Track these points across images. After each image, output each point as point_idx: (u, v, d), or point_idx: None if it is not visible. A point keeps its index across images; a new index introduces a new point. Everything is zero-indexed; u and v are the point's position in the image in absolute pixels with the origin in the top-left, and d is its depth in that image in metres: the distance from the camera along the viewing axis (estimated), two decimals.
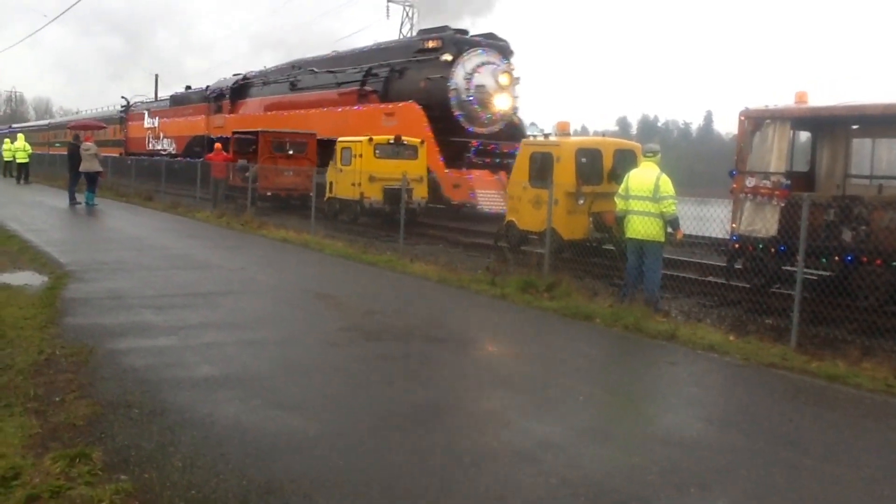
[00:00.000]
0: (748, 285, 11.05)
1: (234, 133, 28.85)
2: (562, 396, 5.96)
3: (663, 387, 6.50)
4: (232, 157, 24.31)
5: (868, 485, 4.49)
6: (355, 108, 27.03)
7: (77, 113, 71.31)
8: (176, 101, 42.66)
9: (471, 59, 24.31)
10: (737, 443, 5.07)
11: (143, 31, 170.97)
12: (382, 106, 25.47)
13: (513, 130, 24.90)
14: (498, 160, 22.95)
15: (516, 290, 10.16)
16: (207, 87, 38.98)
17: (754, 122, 11.11)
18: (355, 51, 30.55)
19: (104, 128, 51.16)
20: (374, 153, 19.37)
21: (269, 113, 32.66)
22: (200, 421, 5.04)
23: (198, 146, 36.82)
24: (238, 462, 4.40)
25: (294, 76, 32.56)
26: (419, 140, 20.37)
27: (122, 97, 50.87)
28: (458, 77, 23.97)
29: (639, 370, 7.10)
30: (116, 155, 44.21)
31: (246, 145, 25.28)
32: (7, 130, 68.04)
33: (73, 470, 4.16)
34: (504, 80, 24.31)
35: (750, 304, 10.28)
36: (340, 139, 21.29)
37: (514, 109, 25.35)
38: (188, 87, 43.32)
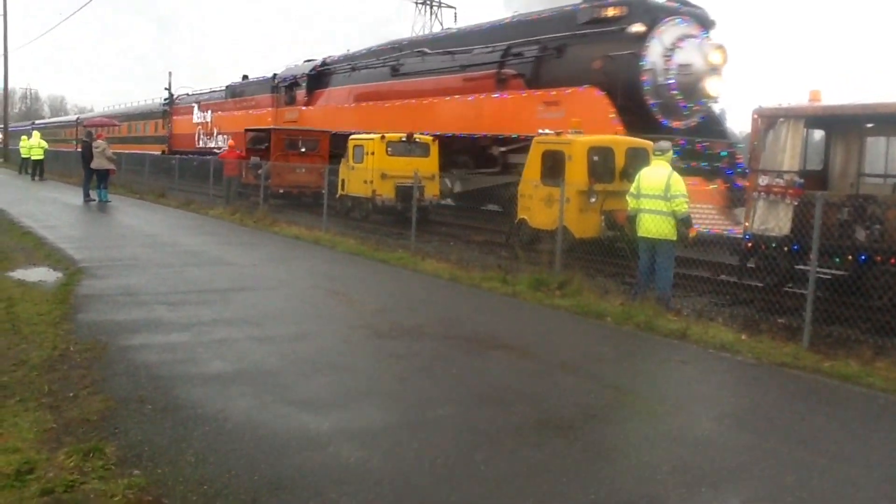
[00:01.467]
0: (761, 284, 11.00)
1: (247, 130, 28.97)
2: (571, 395, 5.96)
3: (674, 385, 6.49)
4: (244, 155, 24.38)
5: (881, 485, 4.47)
6: (495, 95, 21.31)
7: (116, 106, 67.18)
8: (234, 91, 37.44)
9: (669, 31, 18.59)
10: (749, 442, 5.05)
11: (158, 27, 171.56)
12: (540, 93, 19.74)
13: (712, 124, 19.67)
14: (706, 164, 17.58)
15: (528, 287, 10.15)
16: (274, 75, 33.33)
17: (768, 120, 11.05)
18: (483, 27, 24.32)
19: (116, 125, 50.76)
20: (387, 151, 19.37)
21: (361, 104, 27.43)
22: (213, 416, 5.07)
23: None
24: (250, 457, 4.43)
25: (396, 59, 26.46)
26: (431, 138, 20.36)
27: (166, 88, 46.62)
28: (655, 54, 18.28)
29: (650, 368, 7.09)
30: (158, 153, 41.31)
31: (258, 142, 25.36)
32: (30, 126, 66.83)
33: (86, 464, 4.20)
34: (716, 57, 18.47)
35: (762, 304, 10.23)
36: (353, 137, 21.30)
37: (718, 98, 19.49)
38: (245, 77, 38.05)
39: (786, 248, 10.47)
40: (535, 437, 5.00)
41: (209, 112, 38.83)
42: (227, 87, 38.28)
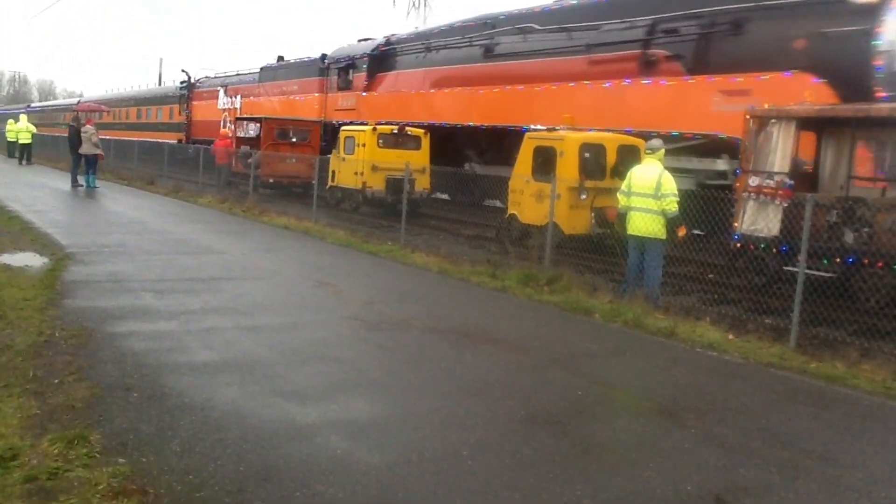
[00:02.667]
0: (749, 284, 11.04)
1: (237, 118, 28.82)
2: (560, 391, 5.96)
3: (661, 383, 6.49)
4: (230, 144, 24.26)
5: (866, 486, 4.49)
6: (646, 82, 16.88)
7: (136, 88, 61.17)
8: (270, 74, 32.92)
9: None
10: (735, 441, 5.07)
11: (150, 13, 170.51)
12: (717, 79, 15.35)
13: None
14: None
15: (517, 282, 10.15)
16: (323, 56, 28.98)
17: (759, 121, 11.08)
18: None
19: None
20: (378, 143, 19.32)
21: (442, 90, 22.90)
22: (199, 406, 5.05)
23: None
24: (236, 448, 4.40)
25: (490, 38, 21.70)
26: (423, 131, 20.32)
27: (183, 70, 41.72)
28: (893, 31, 13.67)
29: (638, 366, 7.09)
30: (174, 142, 37.58)
31: (249, 131, 25.26)
32: (24, 109, 64.09)
33: (70, 452, 4.17)
34: None
35: (750, 304, 10.27)
36: (344, 128, 21.22)
37: None
38: (280, 58, 33.88)
39: (774, 250, 10.51)
40: (523, 431, 5.00)
41: (238, 97, 34.54)
42: (261, 69, 33.84)
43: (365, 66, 26.30)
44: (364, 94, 26.05)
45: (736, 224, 11.07)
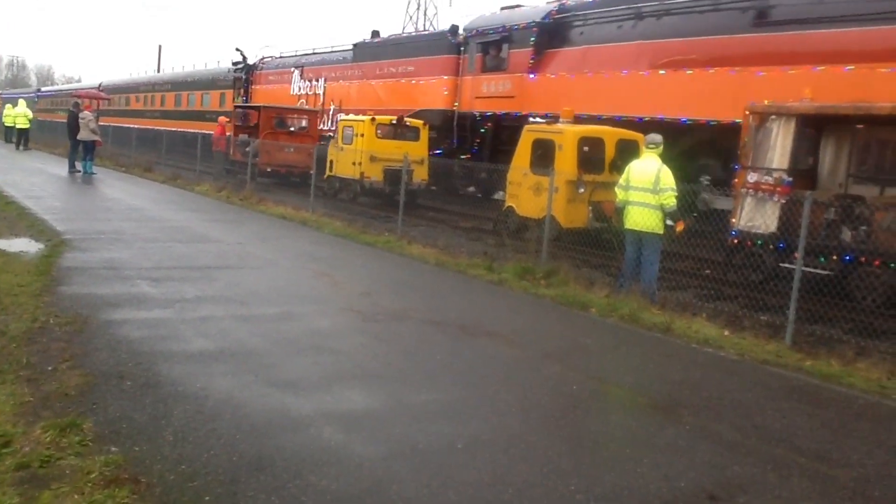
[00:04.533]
0: (745, 281, 11.04)
1: (236, 106, 28.65)
2: (555, 384, 5.95)
3: (656, 379, 6.49)
4: (223, 131, 24.14)
5: (859, 485, 4.49)
6: None
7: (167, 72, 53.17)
8: (369, 52, 26.30)
9: None
10: (730, 438, 5.07)
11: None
12: None
13: None
14: None
15: (513, 275, 10.14)
16: (454, 27, 22.85)
17: (759, 117, 11.06)
18: None
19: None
20: (376, 133, 19.28)
21: (680, 71, 15.98)
22: (193, 395, 5.03)
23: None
24: (230, 437, 4.39)
25: None
26: (421, 122, 20.27)
27: (237, 49, 35.98)
28: None
29: (633, 361, 7.08)
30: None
31: (247, 119, 25.14)
32: (35, 95, 61.77)
33: (63, 440, 4.15)
34: None
35: (746, 300, 10.27)
36: (342, 118, 21.19)
37: None
38: (375, 33, 27.59)
39: (771, 246, 10.51)
40: (518, 425, 4.99)
41: (320, 80, 28.34)
42: (355, 45, 27.20)
43: (532, 39, 19.64)
44: (531, 76, 19.51)
45: (733, 220, 11.06)
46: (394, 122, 19.75)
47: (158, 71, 59.44)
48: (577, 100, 17.20)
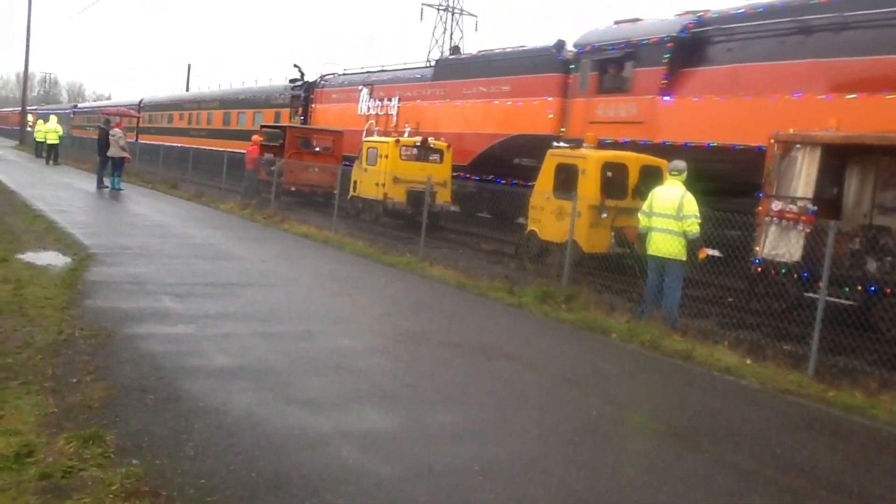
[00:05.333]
0: (768, 309, 10.95)
1: (262, 126, 28.86)
2: (574, 409, 5.94)
3: (677, 406, 6.46)
4: (258, 151, 24.38)
5: None
6: None
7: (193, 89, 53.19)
8: (453, 69, 23.72)
9: None
10: (749, 467, 5.02)
11: (179, 19, 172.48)
12: None
13: None
14: None
15: (534, 299, 10.13)
16: (560, 42, 19.74)
17: (784, 145, 11.03)
18: None
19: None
20: (400, 155, 19.40)
21: (873, 96, 12.87)
22: (214, 410, 5.08)
23: (527, 155, 18.59)
24: (249, 454, 4.42)
25: None
26: (445, 144, 20.38)
27: (296, 66, 32.60)
28: None
29: (653, 388, 7.05)
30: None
31: (273, 139, 25.34)
32: (71, 110, 60.97)
33: (85, 451, 4.20)
34: None
35: (769, 329, 10.18)
36: (366, 139, 21.33)
37: None
38: (455, 49, 26.20)
39: (795, 275, 10.43)
40: (535, 449, 4.98)
41: (393, 99, 25.53)
42: (436, 62, 25.68)
43: (665, 56, 16.56)
44: (664, 98, 16.35)
45: (757, 248, 11.00)
46: (418, 143, 19.87)
47: (187, 89, 59.12)
48: (730, 126, 14.87)
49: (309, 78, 31.43)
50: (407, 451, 4.72)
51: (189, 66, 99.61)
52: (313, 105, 30.67)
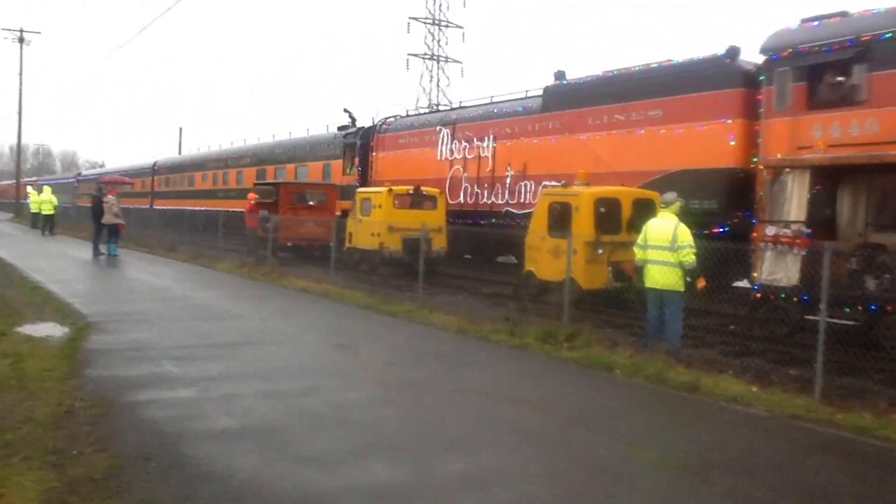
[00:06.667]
0: (771, 335, 10.92)
1: (256, 184, 28.99)
2: (583, 450, 5.88)
3: (686, 440, 6.40)
4: (254, 208, 24.49)
5: None
6: None
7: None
8: (567, 97, 19.54)
9: None
10: (763, 497, 4.96)
11: (168, 84, 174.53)
12: None
13: None
14: None
15: (536, 340, 10.10)
16: (732, 48, 15.80)
17: (774, 171, 11.10)
18: None
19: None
20: (394, 203, 19.50)
21: None
22: (219, 474, 5.02)
23: (697, 195, 14.65)
24: None
25: None
26: (438, 191, 20.49)
27: (346, 111, 28.98)
28: None
29: (661, 422, 6.99)
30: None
31: (266, 196, 25.46)
32: (74, 180, 59.33)
33: None
34: None
35: (773, 354, 10.14)
36: (360, 190, 21.43)
37: None
38: (561, 74, 20.49)
39: (795, 299, 10.42)
40: (546, 494, 4.92)
41: (486, 139, 21.72)
42: (545, 91, 20.41)
43: None
44: None
45: (755, 274, 11.01)
46: (410, 191, 19.98)
47: (179, 153, 58.89)
48: None
49: (362, 123, 27.96)
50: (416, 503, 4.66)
51: (181, 129, 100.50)
52: (374, 154, 26.58)
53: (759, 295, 10.97)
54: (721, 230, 14.47)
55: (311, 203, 24.71)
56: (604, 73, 18.97)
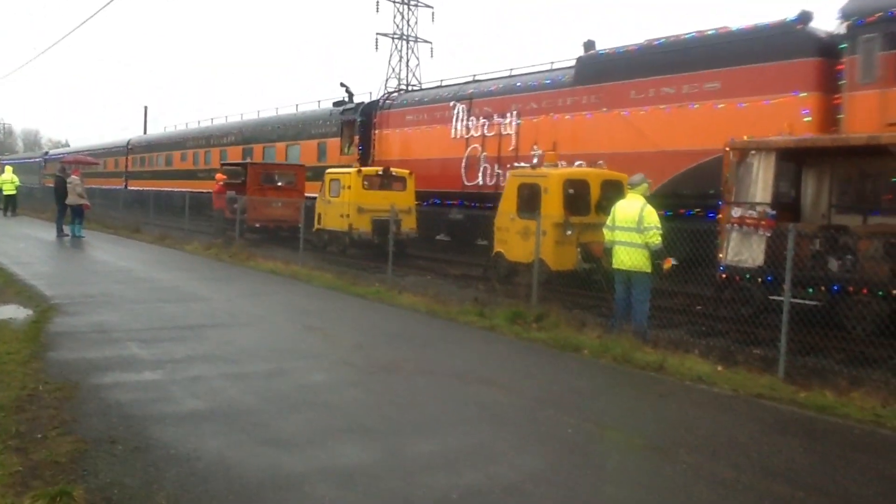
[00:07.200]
0: (736, 315, 11.07)
1: (223, 164, 28.70)
2: (550, 429, 5.92)
3: (652, 419, 6.47)
4: (222, 189, 24.24)
5: None
6: None
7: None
8: (608, 67, 17.90)
9: None
10: (727, 475, 5.03)
11: (134, 61, 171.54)
12: None
13: None
14: None
15: (505, 321, 10.14)
16: (804, 13, 14.52)
17: (740, 153, 11.21)
18: None
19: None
20: (363, 185, 19.42)
21: None
22: (185, 456, 4.98)
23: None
24: (223, 499, 4.34)
25: None
26: (407, 171, 20.43)
27: (342, 85, 27.37)
28: None
29: (628, 402, 7.07)
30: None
31: (234, 176, 25.23)
32: (41, 158, 56.35)
33: None
34: None
35: (738, 335, 10.28)
36: (329, 171, 21.31)
37: None
38: (591, 44, 19.38)
39: (760, 280, 10.56)
40: (513, 473, 4.95)
41: (509, 115, 20.18)
42: (579, 60, 18.96)
43: None
44: None
45: (721, 255, 11.13)
46: (380, 172, 19.91)
47: (145, 132, 57.40)
48: None
49: (359, 99, 26.24)
50: (384, 485, 4.66)
51: (146, 108, 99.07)
52: (377, 131, 24.98)
53: (724, 276, 11.10)
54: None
55: (279, 184, 24.53)
56: (648, 42, 17.33)
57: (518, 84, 20.58)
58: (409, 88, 25.06)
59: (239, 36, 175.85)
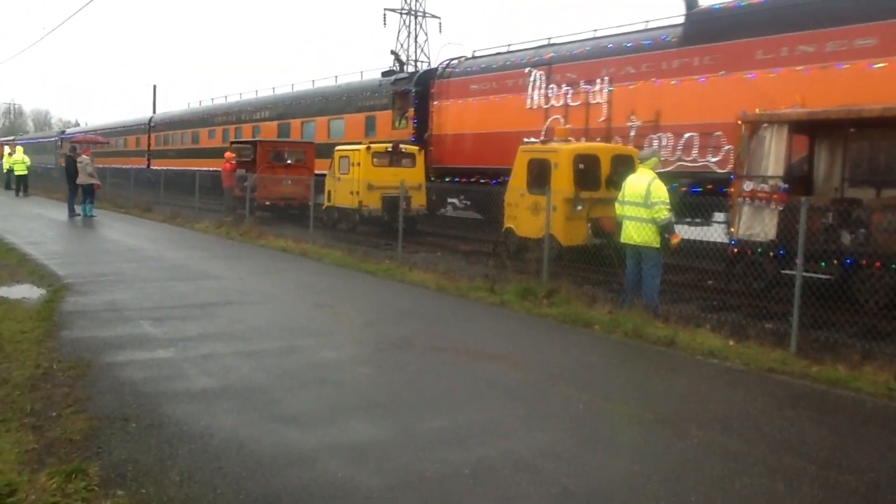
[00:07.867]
0: (748, 289, 11.02)
1: (232, 142, 28.66)
2: (561, 405, 5.93)
3: (663, 394, 6.47)
4: (232, 167, 24.21)
5: (871, 490, 4.46)
6: None
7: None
8: (728, 22, 15.27)
9: None
10: (738, 449, 5.03)
11: (143, 41, 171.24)
12: None
13: None
14: None
15: (515, 297, 10.13)
16: None
17: (752, 126, 11.10)
18: None
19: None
20: (372, 161, 19.37)
21: None
22: (198, 434, 5.01)
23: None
24: (236, 475, 4.37)
25: None
26: (417, 148, 20.36)
27: (392, 52, 27.35)
28: None
29: (638, 377, 7.07)
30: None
31: (244, 154, 25.20)
32: (57, 138, 54.27)
33: (69, 486, 4.13)
34: None
35: (749, 309, 10.24)
36: (339, 148, 21.27)
37: None
38: (692, 2, 16.19)
39: (771, 254, 10.51)
40: (524, 449, 4.96)
41: (599, 82, 17.75)
42: (687, 17, 16.20)
43: None
44: None
45: (732, 229, 11.07)
46: (389, 149, 19.85)
47: (154, 111, 56.86)
48: None
49: (411, 68, 23.82)
50: (396, 461, 4.68)
51: (154, 87, 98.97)
52: (435, 102, 22.60)
53: (736, 250, 11.04)
54: None
55: (289, 161, 24.49)
56: None
57: (610, 46, 17.91)
58: (474, 55, 22.37)
59: (245, 15, 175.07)
